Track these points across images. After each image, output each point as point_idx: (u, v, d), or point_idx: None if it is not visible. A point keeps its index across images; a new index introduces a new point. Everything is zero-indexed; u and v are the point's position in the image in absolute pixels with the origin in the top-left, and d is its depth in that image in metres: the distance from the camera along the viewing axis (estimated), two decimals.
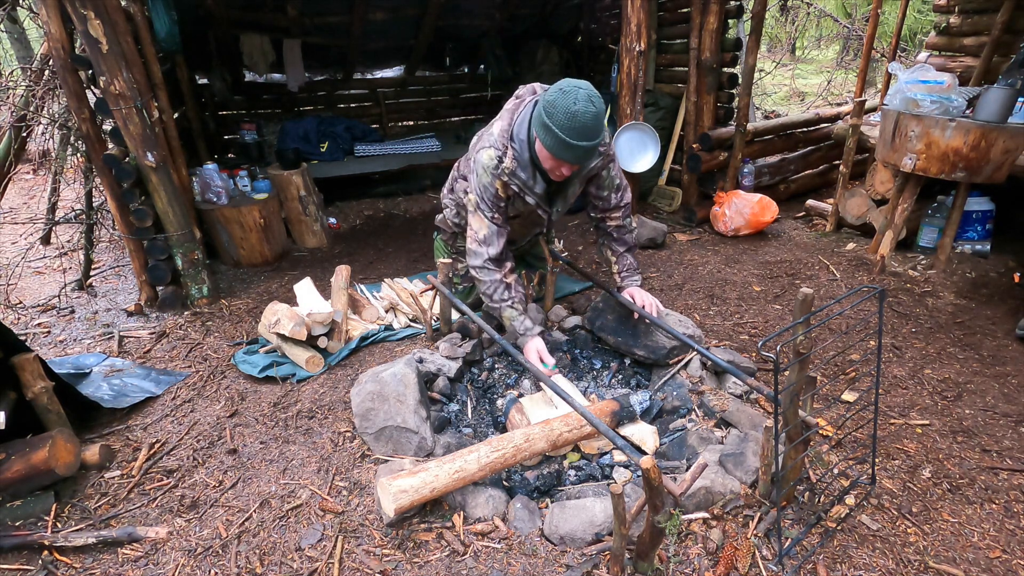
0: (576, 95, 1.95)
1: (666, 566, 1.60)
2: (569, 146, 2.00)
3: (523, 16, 6.06)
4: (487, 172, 2.26)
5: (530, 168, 2.25)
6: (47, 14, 2.70)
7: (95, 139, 2.98)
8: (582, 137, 1.98)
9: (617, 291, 2.58)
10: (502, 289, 2.34)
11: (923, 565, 1.60)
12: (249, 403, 2.38)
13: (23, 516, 1.81)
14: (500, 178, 2.25)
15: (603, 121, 2.02)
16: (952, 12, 4.42)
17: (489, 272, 2.33)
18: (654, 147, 3.93)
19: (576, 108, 1.94)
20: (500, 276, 2.34)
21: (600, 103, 1.99)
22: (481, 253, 2.32)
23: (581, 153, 2.03)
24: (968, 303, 3.01)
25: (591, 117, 1.96)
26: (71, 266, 3.91)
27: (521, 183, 2.27)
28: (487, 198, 2.29)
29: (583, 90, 1.96)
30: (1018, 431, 2.10)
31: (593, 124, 1.97)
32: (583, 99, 1.94)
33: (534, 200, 2.33)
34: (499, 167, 2.24)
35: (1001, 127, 2.82)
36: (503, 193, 2.30)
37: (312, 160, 5.08)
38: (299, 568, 1.64)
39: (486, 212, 2.31)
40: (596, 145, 2.03)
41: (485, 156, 2.26)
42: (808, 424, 1.68)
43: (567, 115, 1.95)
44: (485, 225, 2.32)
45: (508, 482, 1.94)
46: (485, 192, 2.29)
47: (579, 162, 2.11)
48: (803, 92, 9.85)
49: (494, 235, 2.32)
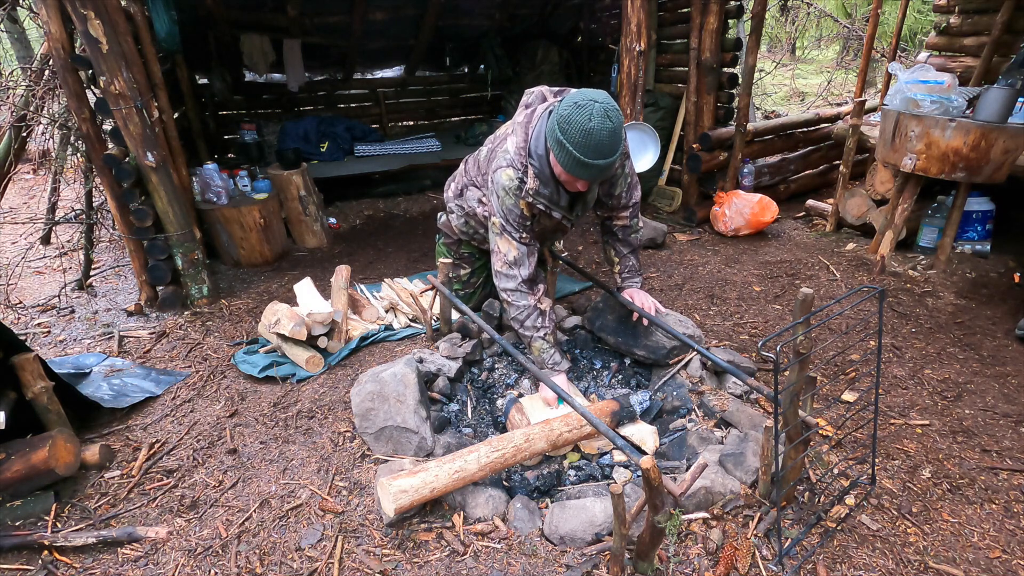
0: (592, 110, 1.83)
1: (666, 566, 1.60)
2: (585, 165, 1.90)
3: (523, 16, 6.06)
4: (509, 194, 2.16)
5: (552, 183, 2.13)
6: (47, 14, 2.70)
7: (95, 139, 2.98)
8: (598, 155, 1.87)
9: (617, 291, 2.55)
10: (535, 316, 2.23)
11: (923, 565, 1.60)
12: (249, 403, 2.38)
13: (23, 516, 1.81)
14: (524, 199, 2.16)
15: (620, 135, 1.90)
16: (952, 12, 4.42)
17: (523, 296, 2.22)
18: (654, 147, 3.93)
19: (591, 125, 1.83)
20: (534, 302, 2.23)
21: (617, 116, 1.87)
22: (514, 276, 2.21)
23: (597, 172, 1.93)
24: (968, 303, 3.01)
25: (608, 135, 1.84)
26: (71, 266, 3.91)
27: (546, 201, 2.16)
28: (512, 220, 2.19)
29: (599, 104, 1.84)
30: (1018, 431, 2.10)
31: (610, 141, 1.86)
32: (599, 115, 1.83)
33: (560, 214, 2.23)
34: (521, 188, 2.14)
35: (1001, 127, 2.82)
36: (528, 212, 2.20)
37: (312, 160, 5.08)
38: (299, 568, 1.64)
39: (513, 234, 2.20)
40: (613, 162, 1.93)
41: (504, 177, 2.15)
42: (808, 424, 1.68)
43: (582, 133, 1.84)
44: (515, 247, 2.21)
45: (508, 482, 1.94)
46: (510, 215, 2.18)
47: (595, 179, 2.01)
48: (803, 92, 9.85)
49: (524, 256, 2.21)
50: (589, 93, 1.89)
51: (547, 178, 2.12)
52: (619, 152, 1.92)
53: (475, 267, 2.88)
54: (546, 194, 2.15)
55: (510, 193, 2.16)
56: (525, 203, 2.18)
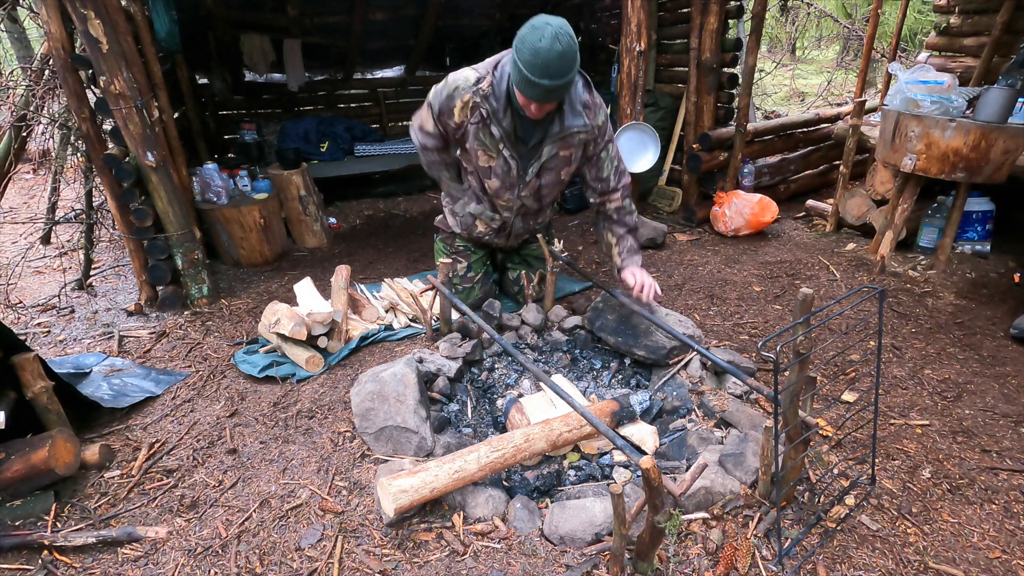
0: (543, 32, 1.92)
1: (666, 566, 1.60)
2: (531, 83, 1.99)
3: (523, 16, 5.95)
4: (453, 86, 2.28)
5: (504, 101, 2.25)
6: (47, 14, 2.70)
7: (95, 139, 2.98)
8: (544, 75, 1.95)
9: (618, 272, 2.55)
10: (437, 162, 2.60)
11: (923, 565, 1.60)
12: (249, 403, 2.38)
13: (23, 516, 1.81)
14: (472, 96, 2.26)
15: (572, 60, 1.98)
16: (952, 12, 4.42)
17: (429, 150, 2.54)
18: (654, 147, 3.94)
19: (540, 45, 1.91)
20: (443, 157, 2.58)
21: (568, 41, 1.94)
22: (423, 139, 2.51)
23: (542, 92, 2.01)
24: (968, 303, 3.01)
25: (556, 56, 1.92)
26: (71, 266, 3.91)
27: (491, 109, 2.26)
28: (436, 105, 2.35)
29: (551, 27, 1.92)
30: (1018, 431, 2.10)
31: (557, 63, 1.94)
32: (549, 36, 1.91)
33: (499, 132, 2.31)
34: (476, 85, 2.24)
35: (1001, 127, 2.82)
36: (459, 115, 2.32)
37: (312, 160, 5.08)
38: (299, 568, 1.64)
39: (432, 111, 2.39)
40: (562, 85, 2.01)
41: (462, 74, 2.27)
42: (808, 424, 1.68)
43: (531, 51, 1.93)
44: (430, 121, 2.43)
45: (508, 482, 1.94)
46: (437, 98, 2.34)
47: (543, 100, 2.08)
48: (803, 92, 9.85)
49: (432, 129, 2.44)
50: (545, 17, 1.98)
51: (501, 93, 2.24)
52: (568, 77, 2.00)
53: (472, 261, 2.92)
54: (493, 105, 2.25)
55: (455, 86, 2.28)
56: (463, 101, 2.28)
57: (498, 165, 2.43)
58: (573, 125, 2.31)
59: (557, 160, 2.42)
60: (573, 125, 2.31)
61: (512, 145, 2.35)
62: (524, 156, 2.40)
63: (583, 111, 2.32)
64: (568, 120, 2.30)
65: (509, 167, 2.43)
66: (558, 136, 2.34)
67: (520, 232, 2.86)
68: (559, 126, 2.31)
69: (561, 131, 2.32)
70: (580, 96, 2.31)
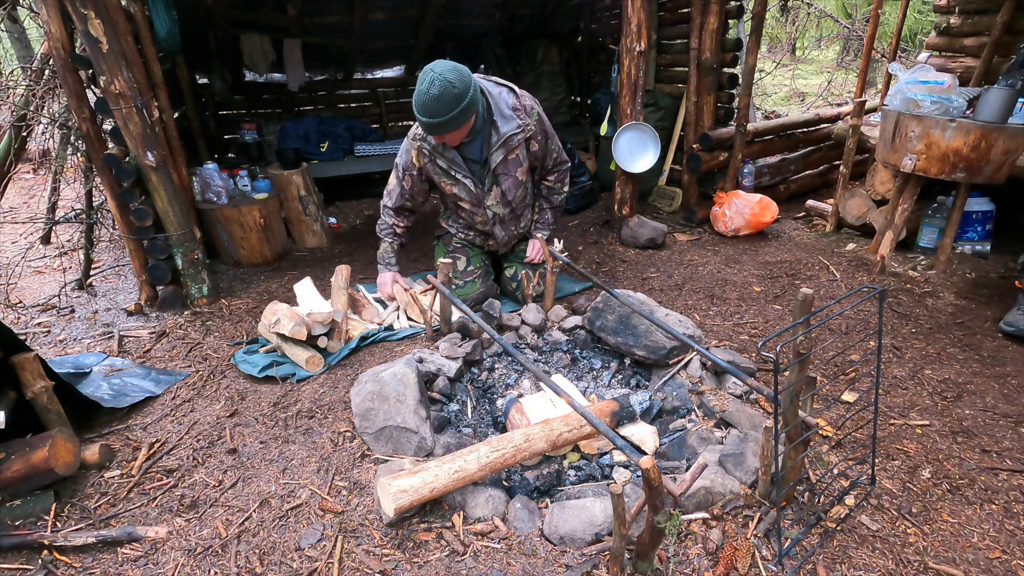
0: (424, 78, 2.31)
1: (666, 566, 1.60)
2: (420, 121, 2.40)
3: (523, 16, 6.06)
4: (406, 144, 2.77)
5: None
6: (47, 14, 2.70)
7: (95, 139, 2.98)
8: (425, 114, 2.35)
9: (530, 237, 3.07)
10: (388, 230, 3.02)
11: (923, 565, 1.60)
12: (249, 403, 2.38)
13: (23, 515, 1.81)
14: (419, 143, 2.69)
15: (451, 102, 2.30)
16: (952, 12, 4.42)
17: (386, 213, 2.99)
18: (654, 147, 3.93)
19: (420, 88, 2.32)
20: (392, 222, 2.99)
21: (443, 85, 2.28)
22: (386, 201, 2.97)
23: (428, 127, 2.42)
24: (968, 303, 3.01)
25: (432, 99, 2.29)
26: (71, 266, 3.91)
27: (430, 147, 2.67)
28: (401, 160, 2.82)
29: (432, 73, 2.30)
30: (1018, 431, 2.10)
31: (434, 105, 2.30)
32: (427, 82, 2.30)
33: (445, 163, 2.69)
34: (417, 132, 2.68)
35: (1001, 127, 2.81)
36: (417, 161, 2.75)
37: (312, 160, 5.08)
38: (299, 568, 1.64)
39: (398, 171, 2.86)
40: (444, 122, 2.35)
41: (409, 132, 2.74)
42: (808, 424, 1.68)
43: (416, 95, 2.34)
44: (394, 180, 2.90)
45: (508, 482, 1.94)
46: (402, 156, 2.81)
47: (434, 134, 2.48)
48: (803, 92, 9.85)
49: (396, 191, 2.91)
50: (432, 64, 2.34)
51: None
52: (448, 115, 2.34)
53: (470, 256, 3.05)
54: (431, 143, 2.66)
55: (405, 145, 2.78)
56: (415, 148, 2.73)
57: (460, 189, 2.79)
58: (508, 130, 2.62)
59: (507, 164, 2.71)
60: (508, 130, 2.62)
61: (463, 168, 2.72)
62: (478, 172, 2.75)
63: (514, 115, 2.64)
64: (503, 128, 2.61)
65: (468, 186, 2.76)
66: (498, 144, 2.63)
67: (506, 240, 3.05)
68: (496, 135, 2.62)
69: (499, 139, 2.62)
70: (507, 103, 2.64)
